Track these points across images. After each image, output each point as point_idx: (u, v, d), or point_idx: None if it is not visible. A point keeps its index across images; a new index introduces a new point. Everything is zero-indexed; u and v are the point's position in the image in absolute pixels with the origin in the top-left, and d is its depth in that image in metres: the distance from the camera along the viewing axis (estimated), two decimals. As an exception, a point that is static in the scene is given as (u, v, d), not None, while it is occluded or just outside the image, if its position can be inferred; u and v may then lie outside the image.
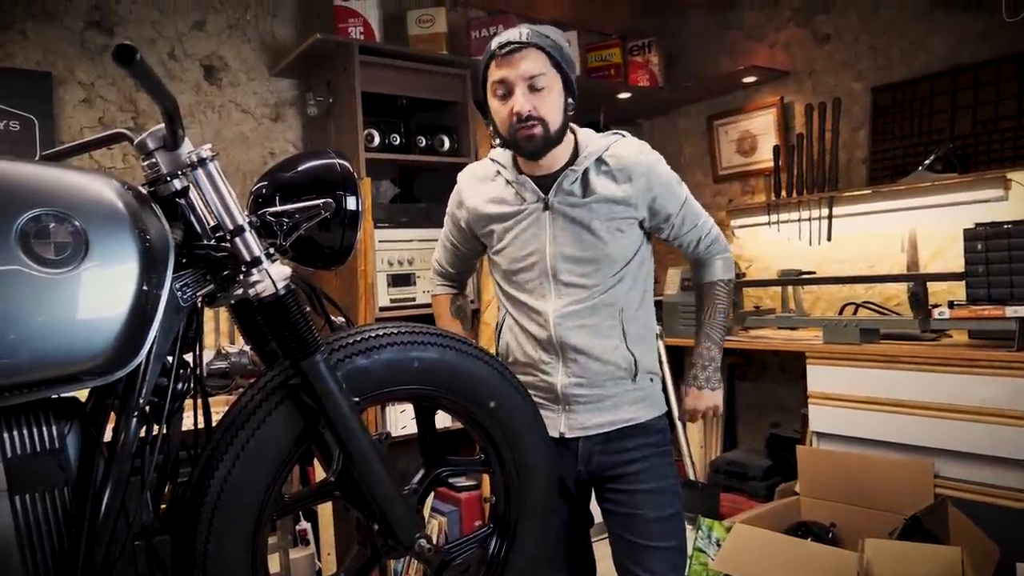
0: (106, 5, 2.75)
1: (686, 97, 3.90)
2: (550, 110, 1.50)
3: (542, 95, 1.48)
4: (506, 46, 1.47)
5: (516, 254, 1.62)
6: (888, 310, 3.04)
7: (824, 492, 2.69)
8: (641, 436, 1.63)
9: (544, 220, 1.58)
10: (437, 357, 1.27)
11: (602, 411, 1.61)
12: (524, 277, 1.63)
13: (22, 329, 0.87)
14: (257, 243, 1.08)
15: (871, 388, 2.62)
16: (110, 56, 0.79)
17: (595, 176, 1.57)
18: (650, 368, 1.66)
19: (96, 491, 0.96)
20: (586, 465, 1.63)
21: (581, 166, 1.56)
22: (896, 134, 3.13)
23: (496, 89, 1.51)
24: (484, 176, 1.68)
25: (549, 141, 1.52)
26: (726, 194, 3.88)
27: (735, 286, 3.18)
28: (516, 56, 1.47)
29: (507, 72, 1.48)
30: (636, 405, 1.63)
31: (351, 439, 1.15)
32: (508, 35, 1.49)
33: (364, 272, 2.70)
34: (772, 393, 3.68)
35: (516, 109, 1.48)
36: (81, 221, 0.92)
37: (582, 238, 1.56)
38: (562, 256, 1.57)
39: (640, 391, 1.64)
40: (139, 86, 0.92)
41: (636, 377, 1.61)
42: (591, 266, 1.57)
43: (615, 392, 1.61)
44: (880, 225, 3.14)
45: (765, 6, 3.62)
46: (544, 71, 1.48)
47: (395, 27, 3.21)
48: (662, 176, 1.60)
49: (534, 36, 1.47)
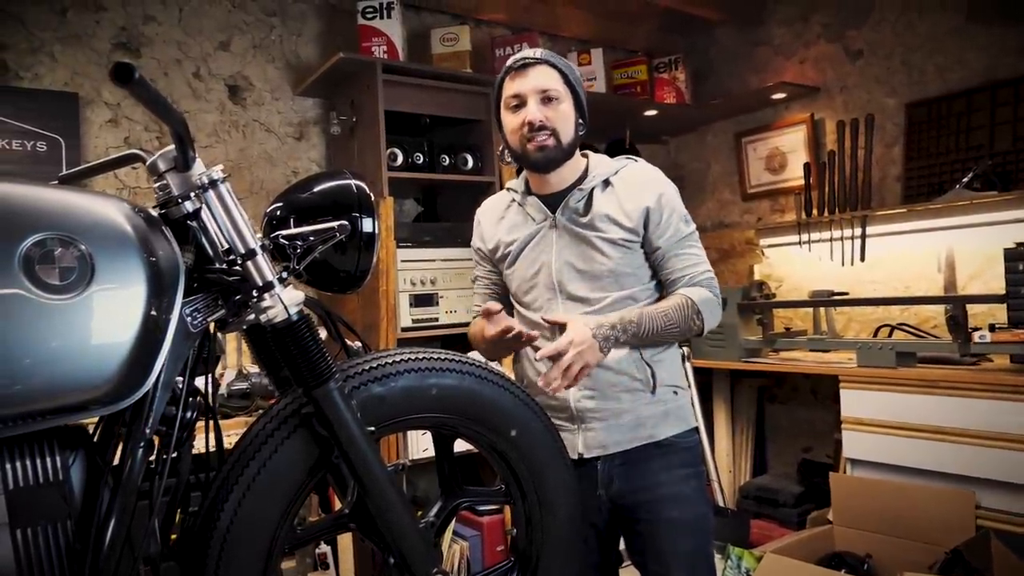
0: (133, 27, 2.77)
1: (713, 114, 3.85)
2: (562, 122, 1.53)
3: (554, 106, 1.52)
4: (519, 62, 1.54)
5: (525, 273, 1.63)
6: (925, 333, 2.94)
7: (859, 521, 2.59)
8: (665, 456, 1.56)
9: (551, 237, 1.60)
10: (456, 384, 1.23)
11: (620, 427, 1.55)
12: (533, 296, 1.62)
13: (24, 356, 0.84)
14: (269, 267, 1.04)
15: (908, 414, 2.52)
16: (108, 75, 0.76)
17: (600, 195, 1.58)
18: (672, 380, 1.60)
19: (100, 524, 0.93)
20: (607, 489, 1.57)
21: (588, 185, 1.58)
22: (932, 151, 3.05)
23: (510, 102, 1.55)
24: (499, 207, 1.72)
25: (560, 152, 1.54)
26: (755, 212, 3.81)
27: (764, 308, 3.13)
28: (530, 70, 1.53)
29: (520, 85, 1.53)
30: (658, 420, 1.56)
31: (365, 470, 1.10)
32: (522, 53, 1.56)
33: (386, 292, 2.67)
34: (803, 417, 3.58)
35: (528, 118, 1.51)
36: (87, 245, 0.89)
37: (586, 254, 1.56)
38: (567, 268, 1.57)
39: (662, 404, 1.57)
40: (144, 106, 0.89)
41: (656, 389, 1.55)
42: (596, 281, 1.56)
43: (632, 406, 1.55)
44: (915, 245, 3.05)
45: (795, 22, 3.57)
46: (556, 86, 1.53)
47: (419, 46, 3.20)
48: (667, 205, 1.56)
49: (547, 55, 1.55)
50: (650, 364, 1.55)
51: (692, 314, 1.52)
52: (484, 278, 1.76)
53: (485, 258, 1.74)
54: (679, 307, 1.51)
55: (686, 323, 1.51)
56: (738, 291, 3.13)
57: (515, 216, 1.66)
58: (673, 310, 1.50)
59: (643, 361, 1.55)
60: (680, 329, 1.51)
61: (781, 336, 3.17)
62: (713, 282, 1.58)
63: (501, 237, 1.67)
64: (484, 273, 1.76)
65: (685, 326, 1.51)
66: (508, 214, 1.68)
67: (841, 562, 2.49)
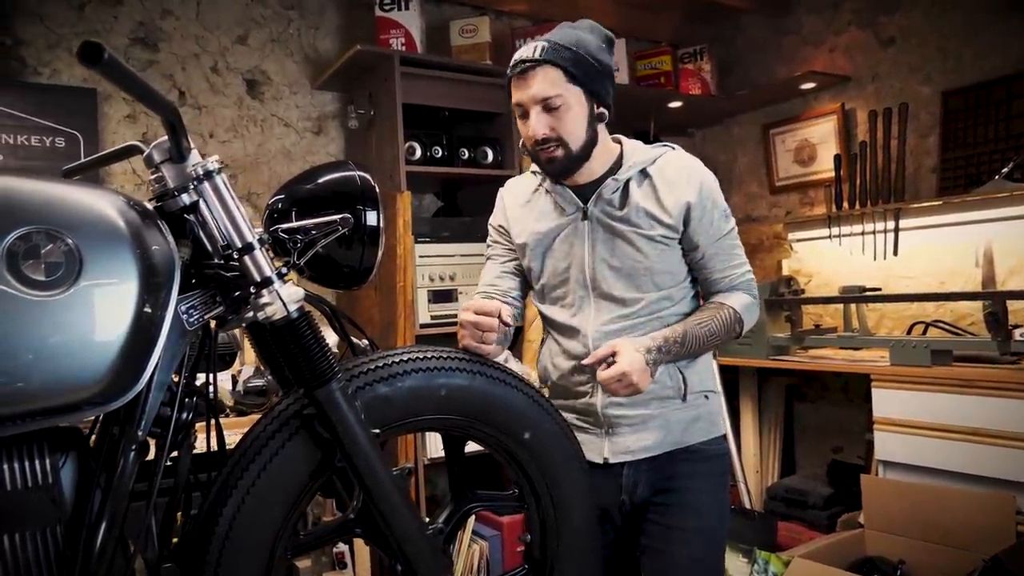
0: (150, 21, 2.75)
1: (740, 105, 3.75)
2: (569, 129, 1.41)
3: (559, 114, 1.40)
4: (518, 66, 1.41)
5: (555, 267, 1.54)
6: (962, 330, 2.83)
7: (892, 525, 2.50)
8: (690, 462, 1.50)
9: (583, 230, 1.50)
10: (466, 384, 1.18)
11: (648, 432, 1.47)
12: (561, 292, 1.53)
13: (7, 356, 0.80)
14: (267, 262, 1.00)
15: (943, 414, 2.42)
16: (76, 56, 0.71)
17: (636, 187, 1.48)
18: (704, 385, 1.53)
19: (90, 528, 0.89)
20: (631, 495, 1.50)
21: (623, 176, 1.47)
22: (969, 140, 2.93)
23: (515, 109, 1.45)
24: (526, 190, 1.61)
25: (572, 160, 1.44)
26: (783, 206, 3.71)
27: (792, 304, 3.04)
28: (528, 76, 1.39)
29: (521, 95, 1.41)
30: (687, 426, 1.50)
31: (370, 474, 1.06)
32: (522, 53, 1.41)
33: (403, 288, 2.63)
34: (833, 416, 3.48)
35: (531, 133, 1.42)
36: (75, 239, 0.85)
37: (622, 250, 1.47)
38: (602, 264, 1.48)
39: (692, 409, 1.50)
40: (125, 92, 0.84)
41: (686, 396, 1.49)
42: (631, 280, 1.47)
43: (661, 411, 1.48)
44: (952, 238, 2.94)
45: (824, 9, 3.46)
46: (558, 90, 1.38)
47: (438, 38, 3.15)
48: (708, 200, 1.47)
49: (548, 51, 1.38)
50: (682, 371, 1.48)
51: (734, 323, 1.48)
52: (500, 256, 1.64)
53: (505, 236, 1.63)
54: (722, 319, 1.46)
55: (727, 334, 1.48)
56: (766, 287, 3.04)
57: (543, 204, 1.56)
58: (716, 323, 1.45)
59: (675, 368, 1.48)
60: (722, 339, 1.48)
61: (810, 333, 3.08)
62: (752, 284, 1.53)
63: (528, 225, 1.57)
64: (502, 252, 1.64)
65: (726, 336, 1.48)
66: (536, 200, 1.58)
67: (873, 568, 2.40)
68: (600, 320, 1.47)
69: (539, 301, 1.59)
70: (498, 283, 1.62)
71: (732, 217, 1.54)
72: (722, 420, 1.58)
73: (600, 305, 1.48)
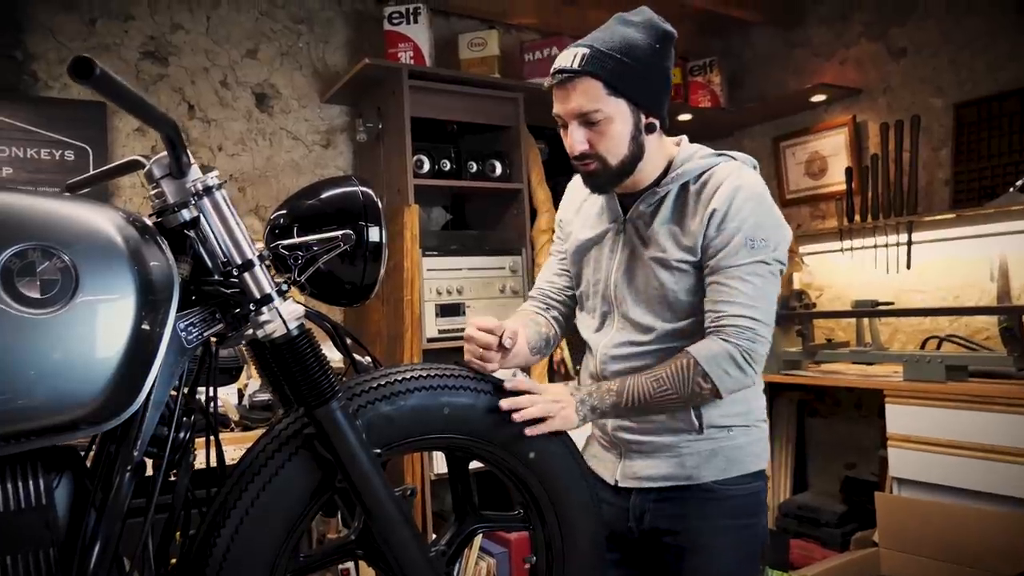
0: (161, 36, 2.76)
1: (750, 118, 3.73)
2: (609, 145, 1.30)
3: (599, 129, 1.29)
4: (557, 75, 1.30)
5: (590, 277, 1.47)
6: (977, 345, 2.78)
7: (907, 544, 2.46)
8: (704, 503, 1.36)
9: (617, 243, 1.42)
10: (471, 403, 1.16)
11: (659, 462, 1.38)
12: (591, 304, 1.47)
13: (1, 374, 0.79)
14: (267, 279, 0.98)
15: (959, 431, 2.38)
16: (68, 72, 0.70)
17: (672, 202, 1.36)
18: (729, 419, 1.37)
19: (83, 550, 0.87)
20: (638, 523, 1.42)
21: (664, 188, 1.36)
22: (983, 153, 2.89)
23: (556, 119, 1.35)
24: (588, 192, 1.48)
25: (611, 176, 1.34)
26: (794, 219, 3.67)
27: (804, 318, 3.00)
28: (567, 88, 1.29)
29: (560, 107, 1.32)
30: (701, 461, 1.36)
31: (370, 496, 1.04)
32: (561, 60, 1.30)
33: (411, 302, 2.61)
34: (846, 432, 3.42)
35: (569, 148, 1.34)
36: (71, 256, 0.84)
37: (641, 272, 1.37)
38: (624, 283, 1.40)
39: (709, 442, 1.36)
40: (121, 108, 0.83)
41: (703, 428, 1.35)
42: (648, 306, 1.37)
43: (673, 441, 1.37)
44: (966, 252, 2.90)
45: (834, 21, 3.44)
46: (598, 105, 1.27)
47: (447, 51, 3.15)
48: (735, 217, 1.28)
49: (589, 61, 1.26)
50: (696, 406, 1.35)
51: (694, 376, 1.24)
52: (560, 253, 1.57)
53: (561, 237, 1.57)
54: (676, 368, 1.25)
55: (686, 388, 1.24)
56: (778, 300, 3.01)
57: (593, 207, 1.48)
58: (667, 373, 1.25)
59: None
60: (680, 396, 1.25)
61: (822, 348, 3.04)
62: (740, 333, 1.25)
63: (575, 229, 1.50)
64: (561, 249, 1.56)
65: (685, 392, 1.25)
66: (590, 200, 1.49)
67: (887, 588, 2.36)
68: (612, 341, 1.41)
69: (579, 311, 1.54)
70: (556, 280, 1.57)
71: (765, 252, 1.29)
72: (752, 457, 1.39)
73: (622, 325, 1.40)
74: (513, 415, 1.17)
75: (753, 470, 1.39)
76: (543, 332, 1.50)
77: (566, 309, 1.57)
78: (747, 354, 1.25)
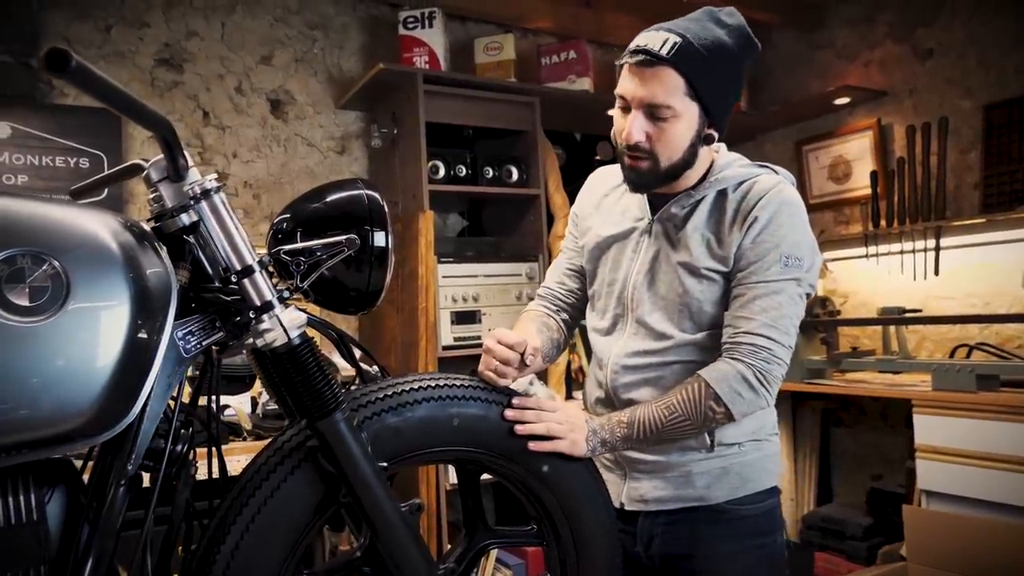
0: (175, 43, 2.76)
1: (772, 122, 3.66)
2: (667, 145, 1.22)
3: (663, 125, 1.21)
4: (639, 54, 1.18)
5: (605, 276, 1.39)
6: (1009, 353, 2.70)
7: (936, 559, 2.38)
8: (716, 524, 1.30)
9: (642, 244, 1.34)
10: (481, 415, 1.11)
11: (667, 483, 1.31)
12: (603, 304, 1.39)
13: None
14: (268, 285, 0.94)
15: (990, 443, 2.30)
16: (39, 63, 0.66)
17: (708, 208, 1.29)
18: (738, 435, 1.30)
19: (74, 567, 0.84)
20: (646, 548, 1.34)
21: (700, 193, 1.29)
22: (1013, 156, 2.81)
23: (618, 99, 1.26)
24: (607, 183, 1.44)
25: (657, 177, 1.26)
26: (818, 224, 3.60)
27: (828, 326, 2.92)
28: (646, 73, 1.18)
29: (630, 89, 1.21)
30: (712, 480, 1.29)
31: (376, 511, 1.00)
32: (647, 40, 1.19)
33: (426, 309, 2.58)
34: (872, 442, 3.34)
35: (625, 135, 1.23)
36: (62, 262, 0.80)
37: (666, 276, 1.30)
38: (645, 286, 1.32)
39: (720, 460, 1.29)
40: (107, 107, 0.80)
41: (713, 446, 1.29)
42: (668, 312, 1.30)
43: (682, 461, 1.30)
44: (996, 257, 2.83)
45: (858, 23, 3.37)
46: (672, 102, 1.18)
47: (463, 56, 3.12)
48: (771, 232, 1.22)
49: (679, 51, 1.16)
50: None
51: (706, 400, 1.18)
52: (571, 250, 1.50)
53: (575, 232, 1.49)
54: (688, 394, 1.19)
55: (698, 413, 1.18)
56: (800, 307, 2.94)
57: (616, 203, 1.40)
58: (678, 400, 1.19)
59: None
60: (693, 423, 1.19)
61: (847, 356, 2.96)
62: (756, 352, 1.19)
63: (594, 225, 1.42)
64: (573, 245, 1.49)
65: (698, 418, 1.19)
66: (614, 195, 1.41)
67: (917, 605, 2.28)
68: (625, 349, 1.33)
69: (589, 309, 1.46)
70: (566, 282, 1.50)
71: (799, 271, 1.23)
72: (765, 473, 1.33)
73: (636, 331, 1.33)
74: (516, 427, 1.13)
75: (767, 486, 1.33)
76: (555, 338, 1.45)
77: (575, 312, 1.51)
78: (761, 375, 1.19)
